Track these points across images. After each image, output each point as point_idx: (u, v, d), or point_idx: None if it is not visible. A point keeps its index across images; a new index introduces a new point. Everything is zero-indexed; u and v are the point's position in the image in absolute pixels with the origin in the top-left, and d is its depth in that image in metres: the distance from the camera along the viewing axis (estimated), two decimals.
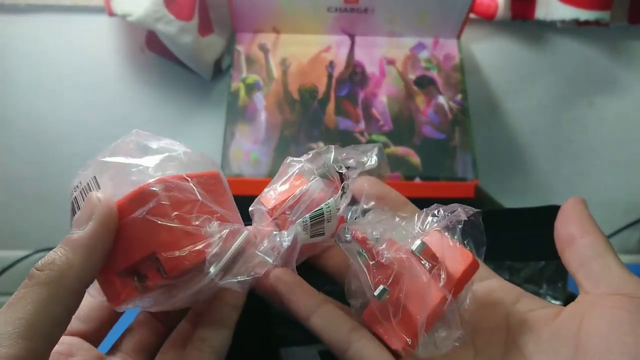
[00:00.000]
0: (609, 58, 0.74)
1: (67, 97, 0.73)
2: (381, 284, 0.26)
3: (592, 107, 0.75)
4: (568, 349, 0.24)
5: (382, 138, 0.61)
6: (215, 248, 0.24)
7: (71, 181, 0.26)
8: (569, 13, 0.65)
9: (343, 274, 0.29)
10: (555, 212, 0.39)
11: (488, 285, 0.29)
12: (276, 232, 0.27)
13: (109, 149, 0.25)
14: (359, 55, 0.66)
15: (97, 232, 0.22)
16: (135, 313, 0.30)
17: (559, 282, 0.41)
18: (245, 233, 0.26)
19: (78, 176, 0.26)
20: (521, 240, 0.39)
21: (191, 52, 0.66)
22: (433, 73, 0.65)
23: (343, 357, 0.26)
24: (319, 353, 0.37)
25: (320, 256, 0.30)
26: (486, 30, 0.73)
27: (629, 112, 0.75)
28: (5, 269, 0.75)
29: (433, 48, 0.67)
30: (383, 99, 0.63)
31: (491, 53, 0.73)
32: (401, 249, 0.26)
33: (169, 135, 0.27)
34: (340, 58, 0.66)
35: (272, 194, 0.28)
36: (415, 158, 0.60)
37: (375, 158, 0.29)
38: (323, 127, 0.61)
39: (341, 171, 0.28)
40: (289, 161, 0.29)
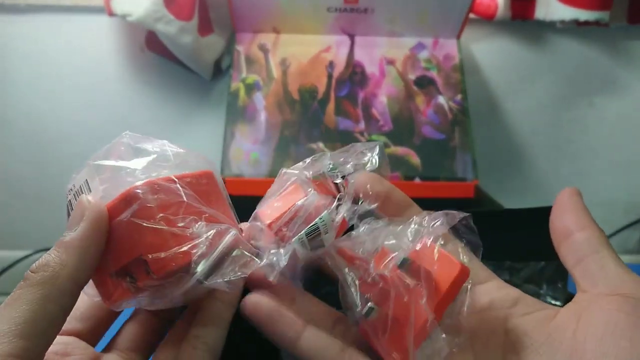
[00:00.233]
0: (609, 58, 0.74)
1: (67, 97, 0.73)
2: (370, 301, 0.26)
3: (592, 107, 0.75)
4: (564, 353, 0.24)
5: (382, 138, 0.61)
6: (201, 249, 0.24)
7: (67, 183, 0.27)
8: (569, 13, 0.65)
9: None
10: None
11: (486, 288, 0.29)
12: (274, 251, 0.27)
13: (101, 152, 0.26)
14: (359, 55, 0.66)
15: (88, 234, 0.23)
16: (132, 310, 0.30)
17: (559, 282, 0.41)
18: (232, 233, 0.25)
19: (72, 179, 0.26)
20: (521, 240, 0.39)
21: (191, 52, 0.66)
22: (433, 73, 0.65)
23: None
24: None
25: (319, 257, 0.30)
26: (486, 30, 0.73)
27: (629, 112, 0.75)
28: (5, 269, 0.75)
29: (433, 48, 0.67)
30: (383, 99, 0.63)
31: (491, 53, 0.73)
32: (388, 265, 0.25)
33: (169, 135, 0.27)
34: (340, 58, 0.66)
35: (268, 210, 0.28)
36: (415, 158, 0.60)
37: (376, 158, 0.28)
38: (323, 127, 0.61)
39: (337, 181, 0.27)
40: (284, 172, 0.28)
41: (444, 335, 0.25)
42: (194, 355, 0.25)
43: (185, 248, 0.24)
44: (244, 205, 0.29)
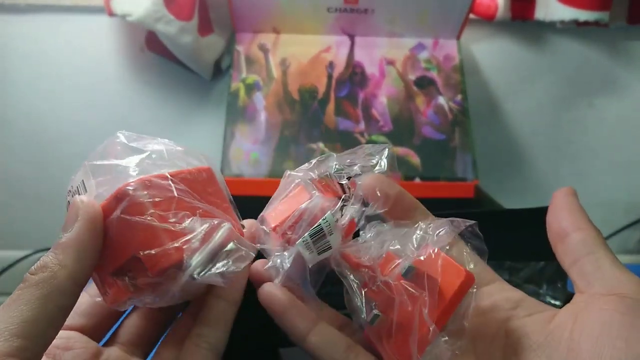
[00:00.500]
0: (609, 58, 0.74)
1: (67, 97, 0.73)
2: (374, 308, 0.26)
3: (592, 108, 0.75)
4: (561, 353, 0.24)
5: (382, 138, 0.61)
6: (194, 244, 0.24)
7: (67, 184, 0.27)
8: (569, 13, 0.65)
9: None
10: None
11: (489, 290, 0.29)
12: (278, 254, 0.27)
13: (97, 152, 0.26)
14: (359, 55, 0.66)
15: (84, 233, 0.23)
16: None
17: (559, 283, 0.41)
18: (226, 227, 0.25)
19: (71, 181, 0.26)
20: (521, 240, 0.39)
21: (191, 52, 0.66)
22: (433, 73, 0.65)
23: None
24: None
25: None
26: (486, 30, 0.73)
27: (629, 113, 0.75)
28: (5, 269, 0.75)
29: (433, 48, 0.67)
30: (383, 100, 0.63)
31: (491, 53, 0.74)
32: (393, 273, 0.25)
33: (169, 135, 0.27)
34: (340, 58, 0.66)
35: (273, 213, 0.28)
36: (415, 158, 0.60)
37: (385, 162, 0.28)
38: (323, 128, 0.61)
39: (343, 182, 0.27)
40: (288, 175, 0.28)
41: (446, 339, 0.25)
42: (197, 353, 0.25)
43: (177, 244, 0.23)
44: (244, 205, 0.29)
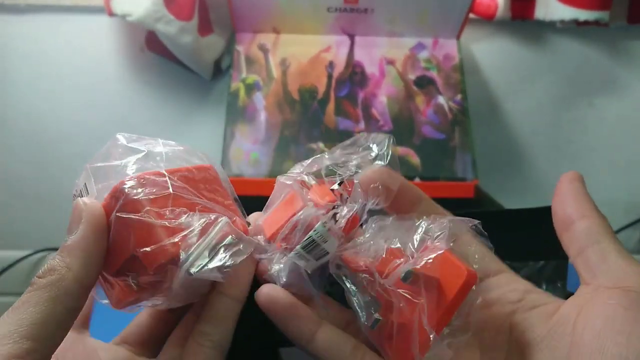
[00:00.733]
0: (609, 58, 0.74)
1: (67, 97, 0.73)
2: (376, 311, 0.25)
3: (592, 108, 0.75)
4: (562, 348, 0.24)
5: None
6: (190, 239, 0.24)
7: (71, 182, 0.27)
8: (569, 13, 0.65)
9: None
10: None
11: (496, 282, 0.28)
12: (277, 266, 0.26)
13: (98, 155, 0.26)
14: (359, 55, 0.66)
15: (89, 234, 0.23)
16: None
17: (559, 282, 0.41)
18: (223, 221, 0.25)
19: (75, 185, 0.26)
20: (521, 240, 0.39)
21: (191, 52, 0.66)
22: (433, 73, 0.65)
23: None
24: None
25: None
26: (486, 30, 0.73)
27: (629, 113, 0.75)
28: (5, 269, 0.75)
29: (433, 48, 0.67)
30: (383, 99, 0.63)
31: (491, 53, 0.73)
32: (393, 276, 0.25)
33: (169, 135, 0.27)
34: (340, 58, 0.66)
35: (269, 220, 0.27)
36: (415, 158, 0.60)
37: (386, 154, 0.27)
38: (323, 127, 0.61)
39: (334, 187, 0.26)
40: (279, 180, 0.27)
41: (447, 342, 0.25)
42: (200, 352, 0.25)
43: (174, 239, 0.23)
44: (244, 205, 0.30)
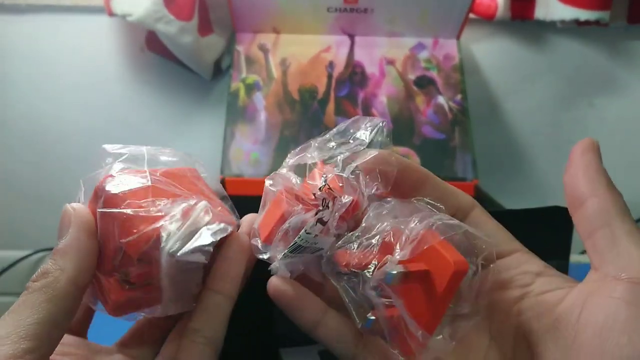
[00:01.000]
0: (609, 58, 0.74)
1: (67, 97, 0.73)
2: (370, 310, 0.25)
3: (592, 108, 0.75)
4: (563, 345, 0.23)
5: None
6: (171, 224, 0.24)
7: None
8: (569, 13, 0.65)
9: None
10: (555, 213, 0.39)
11: (509, 262, 0.27)
12: (275, 265, 0.27)
13: (98, 176, 0.27)
14: (359, 55, 0.66)
15: (79, 237, 0.24)
16: None
17: None
18: (202, 204, 0.26)
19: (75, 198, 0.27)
20: (521, 240, 0.39)
21: (191, 52, 0.66)
22: (433, 73, 0.65)
23: None
24: (319, 353, 0.37)
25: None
26: (486, 30, 0.73)
27: (629, 113, 0.75)
28: (5, 269, 0.75)
29: (433, 48, 0.67)
30: (383, 99, 0.63)
31: (491, 53, 0.73)
32: (381, 274, 0.24)
33: (169, 135, 0.28)
34: (340, 58, 0.66)
35: (262, 223, 0.27)
36: (415, 158, 0.60)
37: (379, 138, 0.26)
38: (323, 127, 0.61)
39: (315, 192, 0.25)
40: (267, 185, 0.27)
41: (440, 337, 0.24)
42: (193, 349, 0.25)
43: (155, 225, 0.24)
44: (244, 205, 0.29)
